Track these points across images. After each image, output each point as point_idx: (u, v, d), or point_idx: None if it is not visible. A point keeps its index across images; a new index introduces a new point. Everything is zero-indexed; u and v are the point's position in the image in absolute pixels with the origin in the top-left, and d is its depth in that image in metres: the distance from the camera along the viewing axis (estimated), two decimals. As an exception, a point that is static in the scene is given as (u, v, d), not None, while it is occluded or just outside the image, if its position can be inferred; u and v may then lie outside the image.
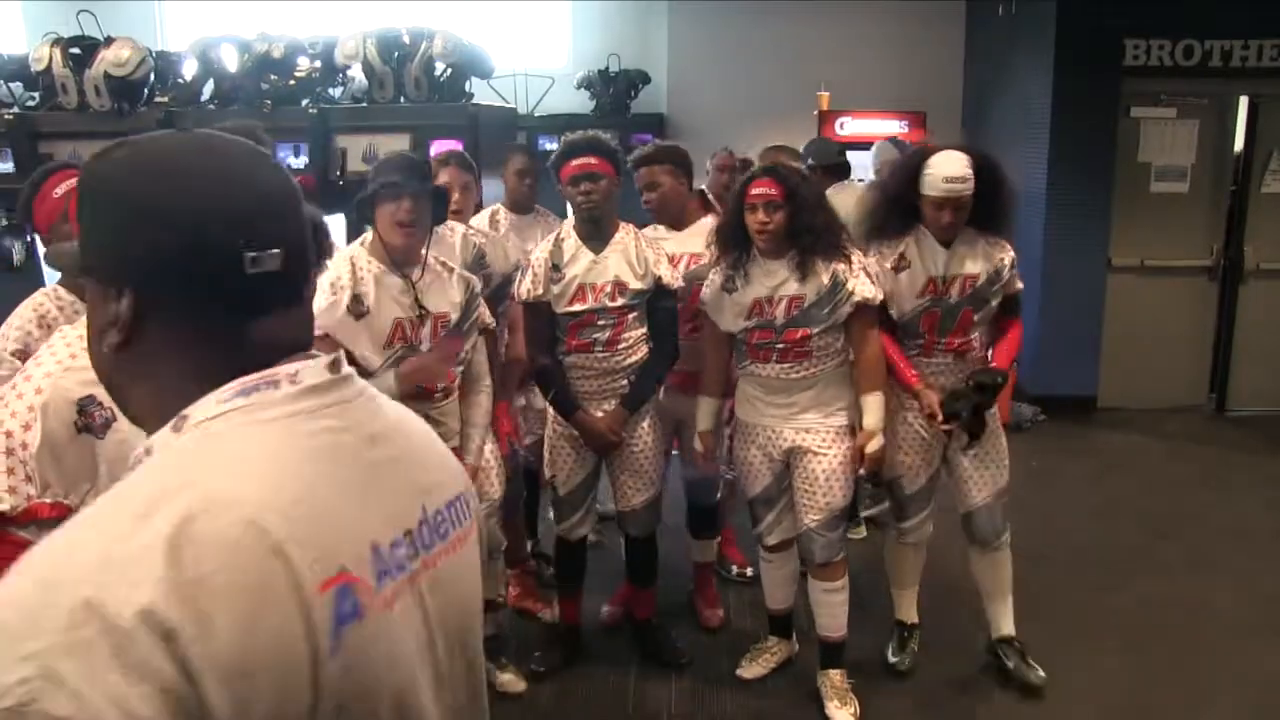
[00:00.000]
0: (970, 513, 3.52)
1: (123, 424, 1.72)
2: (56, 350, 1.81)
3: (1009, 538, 3.54)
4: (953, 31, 8.42)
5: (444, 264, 3.10)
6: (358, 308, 2.89)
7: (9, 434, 1.71)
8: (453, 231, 3.58)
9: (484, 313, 3.18)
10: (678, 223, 3.83)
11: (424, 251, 3.02)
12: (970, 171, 3.22)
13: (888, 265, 3.37)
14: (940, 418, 3.29)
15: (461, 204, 3.76)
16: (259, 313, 0.93)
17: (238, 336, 0.92)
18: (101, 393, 1.66)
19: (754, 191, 3.17)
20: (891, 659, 3.67)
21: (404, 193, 2.88)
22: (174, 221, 0.89)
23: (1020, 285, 3.52)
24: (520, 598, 4.13)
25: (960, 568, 3.77)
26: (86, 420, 1.74)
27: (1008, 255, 3.41)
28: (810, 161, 4.86)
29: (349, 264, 2.94)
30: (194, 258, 0.89)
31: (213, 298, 0.91)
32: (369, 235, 3.02)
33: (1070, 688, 3.50)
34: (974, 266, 3.36)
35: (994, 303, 3.43)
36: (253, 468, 0.85)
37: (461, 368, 3.09)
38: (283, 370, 0.92)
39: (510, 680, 3.56)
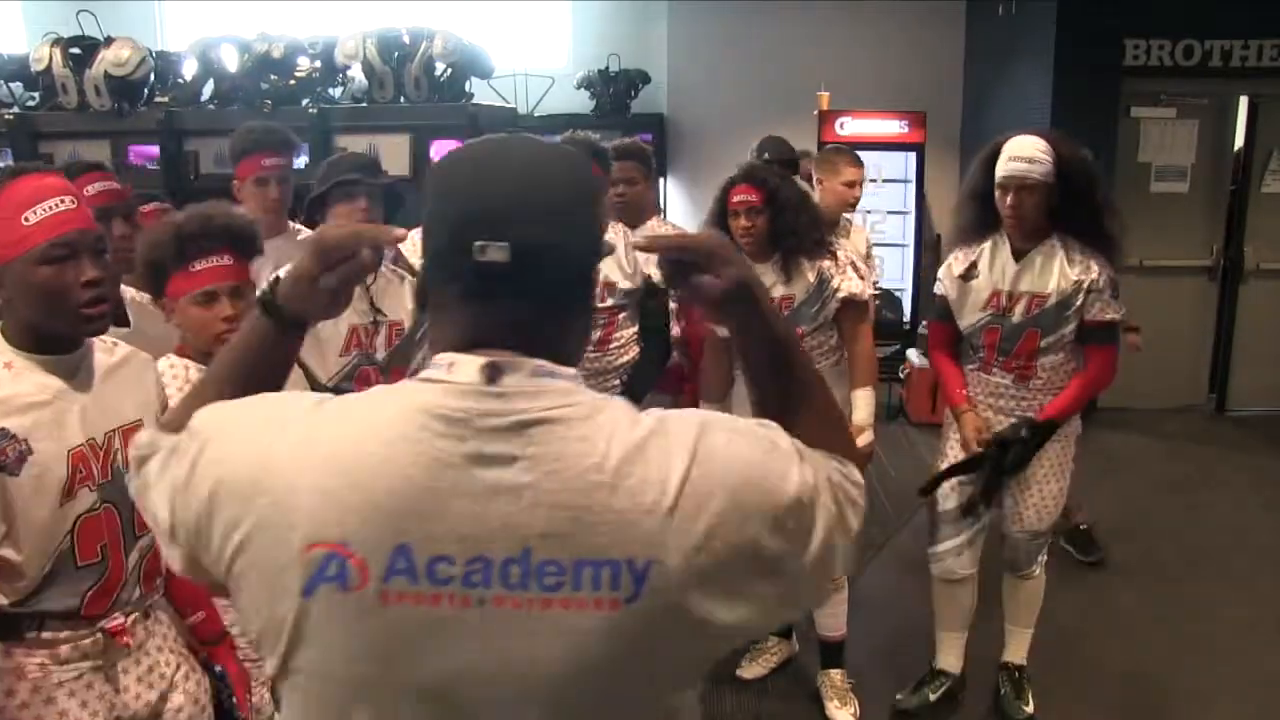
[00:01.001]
0: (1005, 536, 3.28)
1: (39, 456, 1.65)
2: None
3: (1038, 572, 3.30)
4: (953, 31, 8.42)
5: (395, 270, 2.96)
6: None
7: None
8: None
9: None
10: (636, 223, 3.82)
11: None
12: (1044, 155, 2.93)
13: (956, 273, 3.17)
14: (973, 448, 3.08)
15: None
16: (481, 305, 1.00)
17: (458, 323, 1.01)
18: (15, 424, 1.62)
19: (735, 198, 3.16)
20: (898, 695, 3.44)
21: (359, 191, 2.78)
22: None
23: (1110, 315, 3.04)
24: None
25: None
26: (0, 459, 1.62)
27: (1095, 275, 3.00)
28: (766, 156, 4.80)
29: None
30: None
31: (450, 285, 1.01)
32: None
33: (1070, 687, 3.50)
34: (1045, 284, 3.02)
35: (1067, 330, 3.04)
36: (342, 420, 0.99)
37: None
38: (451, 358, 0.98)
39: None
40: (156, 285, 2.18)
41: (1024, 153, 2.95)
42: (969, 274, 3.14)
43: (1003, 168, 2.98)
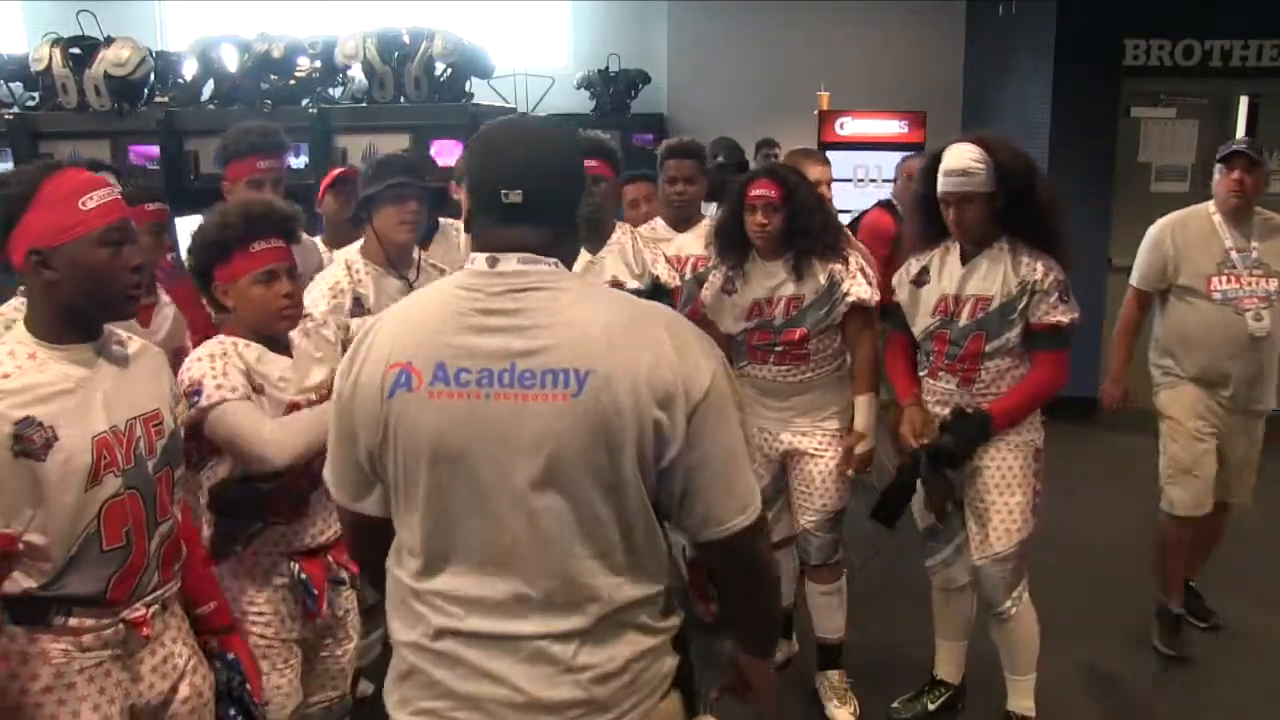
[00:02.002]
0: (975, 571, 3.13)
1: (65, 442, 1.71)
2: None
3: (1017, 611, 3.08)
4: (953, 31, 8.43)
5: (435, 265, 3.08)
6: (359, 310, 2.85)
7: None
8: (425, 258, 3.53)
9: None
10: (689, 223, 3.84)
11: (416, 253, 3.02)
12: (977, 164, 2.90)
13: (908, 279, 3.16)
14: (910, 441, 3.08)
15: None
16: (503, 228, 1.52)
17: (489, 241, 1.52)
18: (40, 412, 1.69)
19: (753, 193, 3.15)
20: (893, 704, 3.39)
21: (409, 194, 2.89)
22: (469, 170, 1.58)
23: (1059, 318, 2.94)
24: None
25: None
26: (25, 445, 1.68)
27: (1040, 277, 2.93)
28: (720, 159, 4.79)
29: (345, 268, 2.93)
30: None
31: (485, 215, 1.53)
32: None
33: (1070, 687, 3.50)
34: (989, 287, 2.98)
35: (1012, 333, 2.97)
36: (415, 301, 1.59)
37: None
38: (475, 256, 1.52)
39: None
40: (204, 273, 2.29)
41: (958, 165, 2.92)
42: (920, 279, 3.13)
43: (940, 183, 2.96)
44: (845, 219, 4.41)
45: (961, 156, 2.93)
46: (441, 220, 3.64)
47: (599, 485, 1.44)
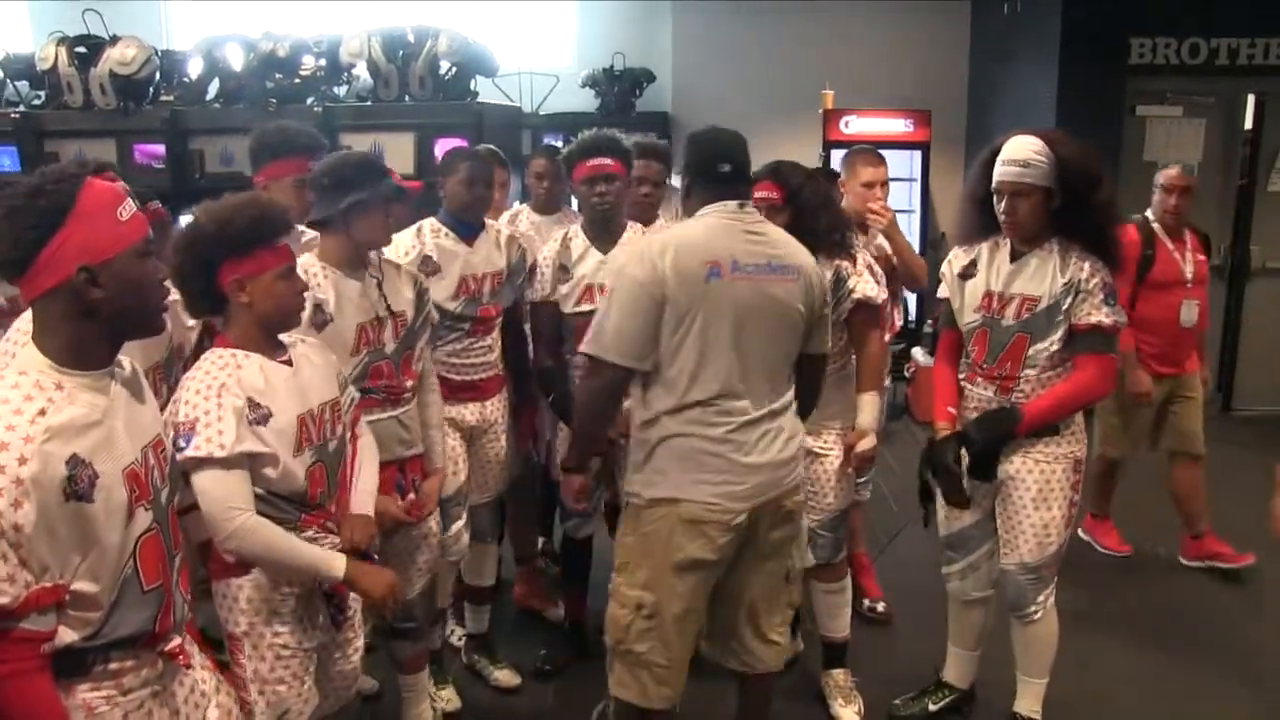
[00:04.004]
0: (1002, 570, 3.09)
1: (103, 479, 1.59)
2: (17, 405, 1.55)
3: (1041, 615, 3.05)
4: (957, 30, 8.41)
5: (389, 262, 2.96)
6: (319, 317, 2.71)
7: None
8: (499, 232, 3.51)
9: (432, 311, 3.06)
10: (649, 226, 3.79)
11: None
12: (1038, 157, 2.82)
13: (955, 272, 3.10)
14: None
15: (499, 201, 3.80)
16: (724, 187, 2.60)
17: (716, 195, 2.58)
18: (80, 447, 1.55)
19: (757, 194, 3.11)
20: (895, 700, 3.39)
21: (392, 197, 2.80)
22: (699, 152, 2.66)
23: (1100, 319, 2.83)
24: (527, 596, 4.13)
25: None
26: (75, 486, 1.55)
27: (1087, 275, 2.84)
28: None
29: (306, 274, 2.69)
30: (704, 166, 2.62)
31: (710, 182, 2.61)
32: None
33: (1071, 686, 3.49)
34: (1037, 286, 2.89)
35: (1056, 336, 2.88)
36: (695, 227, 2.57)
37: (419, 366, 2.97)
38: (724, 204, 2.57)
39: (506, 676, 3.60)
40: (208, 270, 2.22)
41: (1018, 155, 2.85)
42: (967, 272, 3.08)
43: (996, 171, 2.89)
44: (904, 220, 4.37)
45: (1023, 147, 2.86)
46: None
47: (800, 329, 2.62)
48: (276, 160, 3.17)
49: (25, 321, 1.98)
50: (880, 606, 4.05)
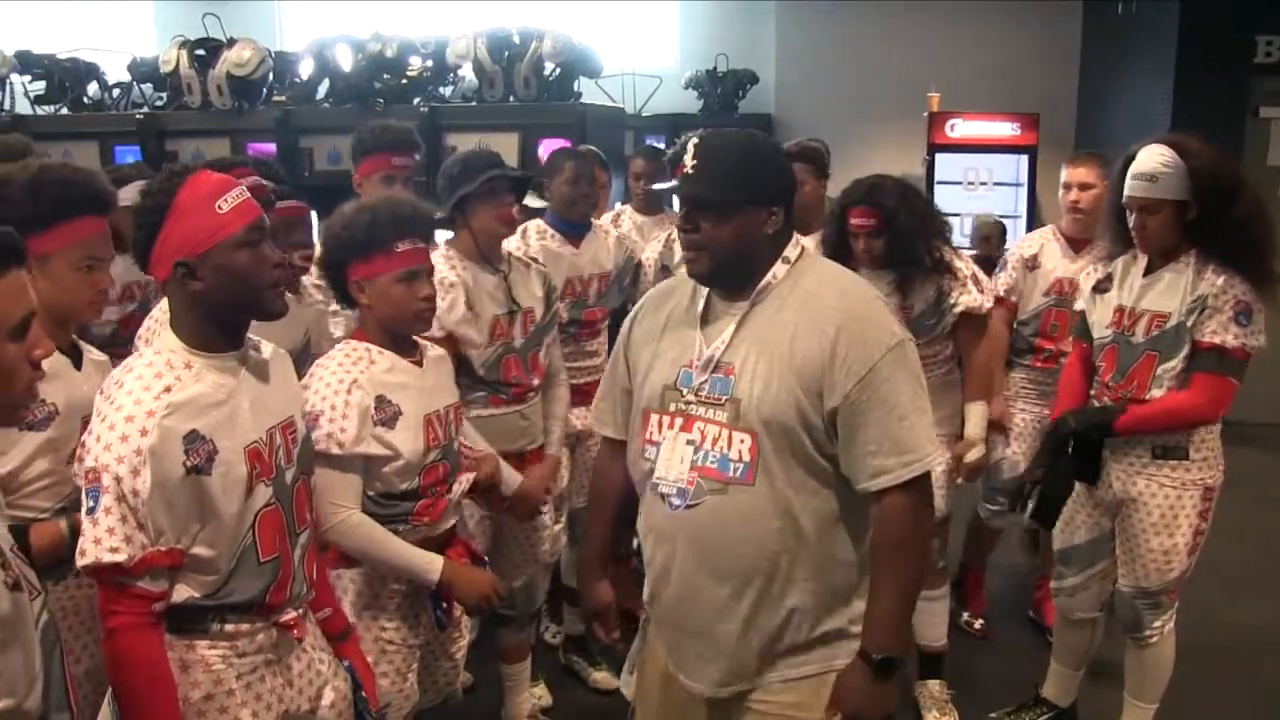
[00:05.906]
0: (1117, 590, 2.97)
1: (224, 455, 1.68)
2: (147, 381, 1.68)
3: (1158, 640, 2.91)
4: (1068, 30, 8.20)
5: (520, 259, 3.05)
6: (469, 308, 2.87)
7: (118, 479, 1.61)
8: (607, 234, 3.57)
9: (560, 308, 3.15)
10: (806, 227, 3.78)
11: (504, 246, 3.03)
12: (1167, 169, 2.66)
13: (1089, 286, 3.00)
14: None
15: (601, 202, 3.84)
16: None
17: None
18: (201, 424, 1.66)
19: (853, 221, 3.09)
20: (991, 714, 3.31)
21: (504, 188, 2.87)
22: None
23: (1225, 339, 2.65)
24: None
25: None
26: (195, 461, 1.65)
27: (1218, 291, 2.67)
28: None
29: (447, 264, 2.89)
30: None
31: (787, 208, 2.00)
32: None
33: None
34: (1168, 303, 2.74)
35: (1182, 354, 2.71)
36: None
37: (546, 362, 3.04)
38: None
39: (604, 678, 3.60)
40: (337, 270, 2.29)
41: (1145, 168, 2.69)
42: (1101, 286, 2.96)
43: (1126, 185, 2.75)
44: (1010, 225, 4.29)
45: (1151, 159, 2.70)
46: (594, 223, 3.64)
47: None
48: (368, 157, 3.25)
49: (163, 308, 2.11)
50: (978, 624, 3.97)
